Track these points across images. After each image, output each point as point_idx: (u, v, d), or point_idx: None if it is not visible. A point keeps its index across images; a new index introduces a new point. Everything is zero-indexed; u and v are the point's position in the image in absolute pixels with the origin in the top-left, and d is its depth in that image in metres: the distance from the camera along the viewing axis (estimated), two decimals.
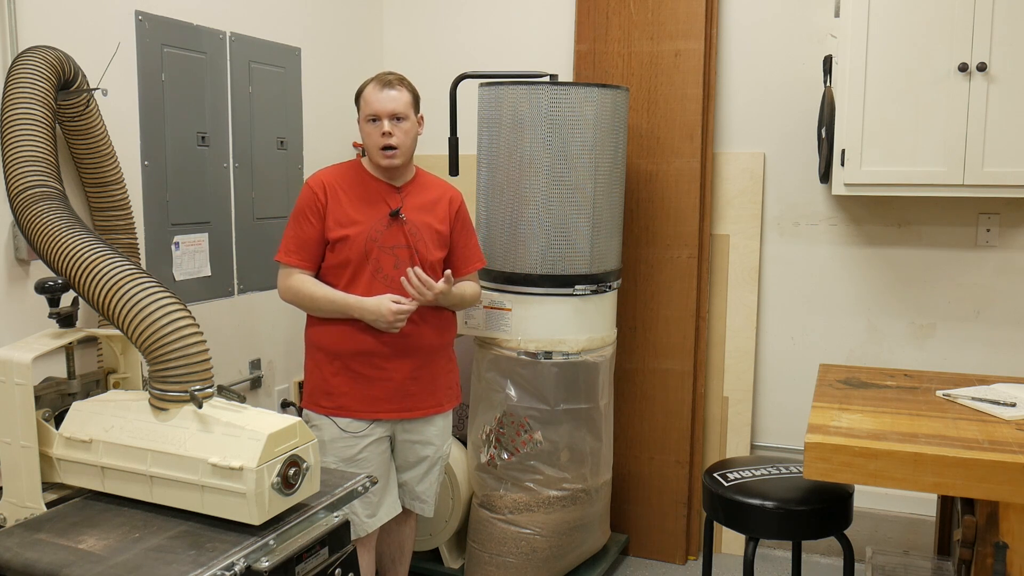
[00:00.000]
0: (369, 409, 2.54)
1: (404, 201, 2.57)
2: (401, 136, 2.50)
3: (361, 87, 2.55)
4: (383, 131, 2.48)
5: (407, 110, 2.51)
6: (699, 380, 3.43)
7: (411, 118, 2.53)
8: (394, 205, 2.55)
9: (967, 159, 2.81)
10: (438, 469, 2.74)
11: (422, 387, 2.59)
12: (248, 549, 1.69)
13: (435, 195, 2.65)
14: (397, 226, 2.54)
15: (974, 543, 2.14)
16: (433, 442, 2.68)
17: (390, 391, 2.54)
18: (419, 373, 2.57)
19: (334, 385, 2.53)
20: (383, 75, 2.53)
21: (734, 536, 3.46)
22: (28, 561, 1.65)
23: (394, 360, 2.53)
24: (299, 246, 2.52)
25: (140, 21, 2.57)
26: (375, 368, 2.52)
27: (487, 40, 3.70)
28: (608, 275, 2.98)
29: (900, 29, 2.83)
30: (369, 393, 2.53)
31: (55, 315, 2.06)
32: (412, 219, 2.56)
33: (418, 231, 2.57)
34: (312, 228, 2.51)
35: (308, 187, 2.55)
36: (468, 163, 3.20)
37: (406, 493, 2.71)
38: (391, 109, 2.48)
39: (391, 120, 2.48)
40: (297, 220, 2.54)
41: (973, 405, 2.34)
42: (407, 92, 2.53)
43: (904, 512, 3.35)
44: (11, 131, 2.08)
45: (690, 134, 3.33)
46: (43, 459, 1.94)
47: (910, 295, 3.28)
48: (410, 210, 2.57)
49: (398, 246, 2.53)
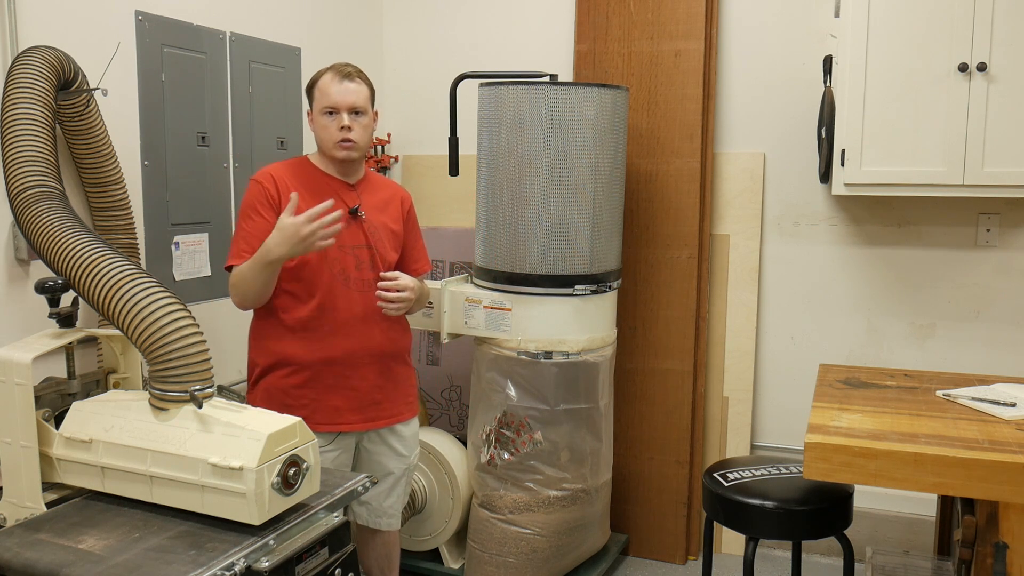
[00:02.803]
0: (330, 421, 2.38)
1: (361, 199, 2.45)
2: (360, 131, 2.38)
3: (315, 77, 2.41)
4: (342, 124, 2.34)
5: (366, 104, 2.40)
6: (699, 380, 3.43)
7: (369, 113, 2.42)
8: (351, 203, 2.41)
9: (967, 159, 2.81)
10: (405, 481, 2.62)
11: (386, 395, 2.48)
12: (248, 549, 1.69)
13: (387, 194, 2.55)
14: (357, 225, 2.42)
15: (974, 543, 2.14)
16: (402, 453, 2.56)
17: (354, 400, 2.41)
18: (383, 381, 2.46)
19: (295, 396, 2.35)
20: (341, 66, 2.40)
21: (734, 536, 3.46)
22: (28, 561, 1.65)
23: (360, 368, 2.41)
24: (251, 244, 2.29)
25: (140, 21, 2.57)
26: (339, 377, 2.38)
27: (487, 40, 3.70)
28: (608, 275, 2.98)
29: (900, 29, 2.83)
30: (332, 403, 2.38)
31: (55, 315, 2.06)
32: (370, 218, 2.45)
33: (376, 230, 2.46)
34: (265, 223, 2.30)
35: (256, 182, 2.36)
36: (468, 163, 3.20)
37: (371, 511, 2.58)
38: (351, 102, 2.35)
39: (350, 114, 2.36)
40: (249, 217, 2.34)
41: (973, 405, 2.34)
42: (365, 86, 2.41)
43: (904, 512, 3.35)
44: (11, 131, 2.08)
45: (690, 134, 3.33)
46: (43, 459, 1.94)
47: (910, 295, 3.28)
48: (367, 209, 2.45)
49: (358, 246, 2.41)
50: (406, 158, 3.85)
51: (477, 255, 3.05)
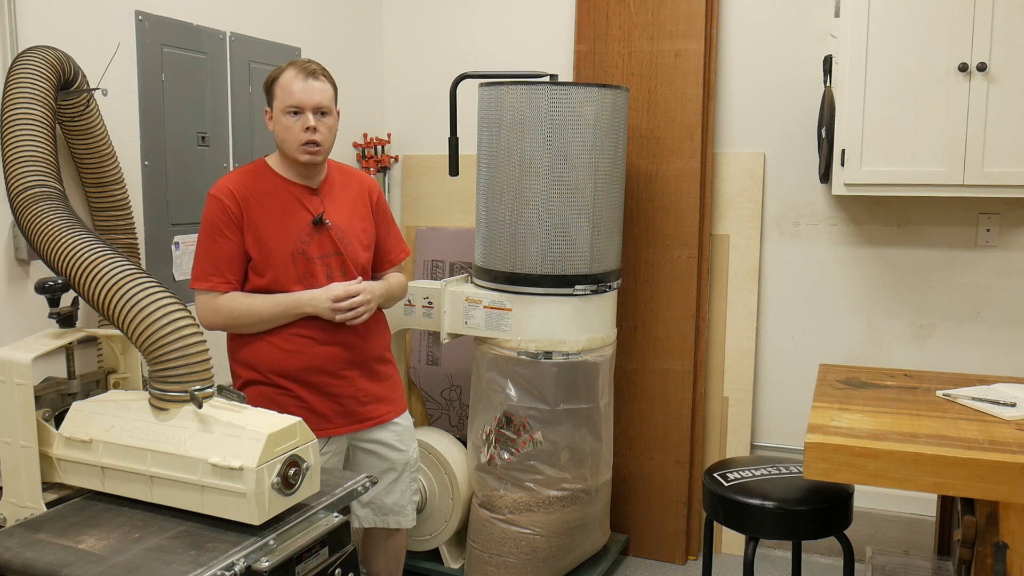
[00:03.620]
0: (320, 428, 2.34)
1: (324, 205, 2.36)
2: (325, 132, 2.29)
3: (275, 74, 2.29)
4: (307, 125, 2.24)
5: (331, 104, 2.31)
6: (699, 380, 3.43)
7: (333, 113, 2.33)
8: (315, 210, 2.33)
9: (967, 159, 2.81)
10: (407, 476, 2.59)
11: (371, 396, 2.46)
12: (248, 549, 1.69)
13: (353, 191, 2.46)
14: (323, 233, 2.34)
15: (974, 543, 2.14)
16: (398, 447, 2.54)
17: (340, 406, 2.40)
18: (366, 383, 2.44)
19: (281, 404, 2.30)
20: (304, 63, 2.28)
21: (734, 536, 3.46)
22: (28, 561, 1.65)
23: (342, 376, 2.39)
24: (218, 267, 2.26)
25: (140, 21, 2.57)
26: (323, 386, 2.36)
27: (487, 40, 3.70)
28: (608, 275, 2.98)
29: (900, 29, 2.83)
30: (318, 411, 2.36)
31: (55, 315, 2.06)
32: (337, 223, 2.36)
33: (345, 235, 2.38)
34: (230, 244, 2.26)
35: (214, 199, 2.27)
36: (468, 163, 3.20)
37: (376, 511, 2.57)
38: (316, 102, 2.26)
39: (315, 114, 2.27)
40: (211, 237, 2.27)
41: (973, 405, 2.34)
42: (330, 84, 2.32)
43: (904, 512, 3.35)
44: (11, 131, 2.08)
45: (690, 134, 3.33)
46: (43, 459, 1.94)
47: (910, 295, 3.28)
48: (333, 213, 2.36)
49: (327, 254, 2.35)
50: (406, 158, 3.85)
51: (477, 255, 3.05)
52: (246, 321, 2.30)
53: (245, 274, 2.34)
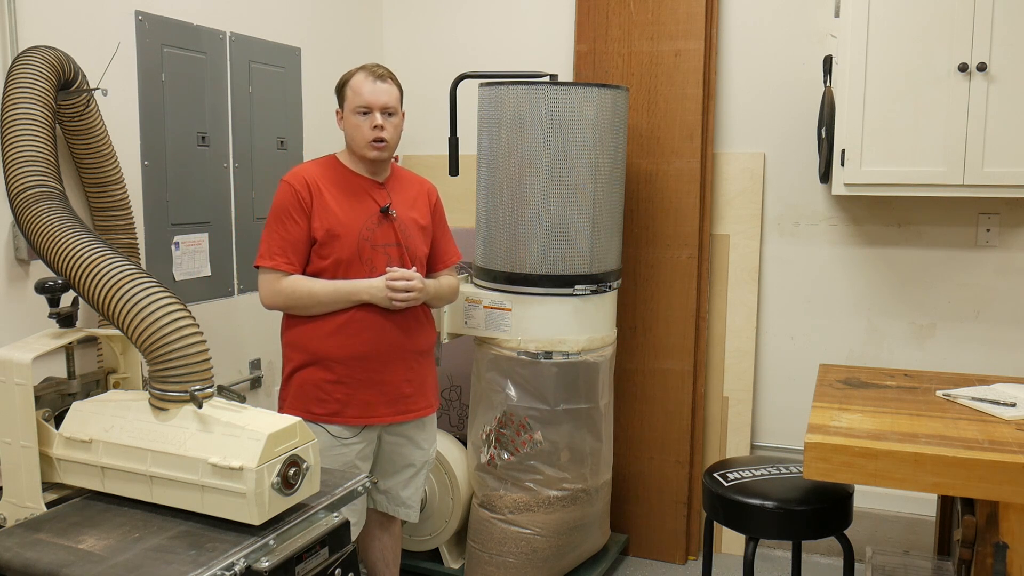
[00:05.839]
0: (363, 415, 2.46)
1: (391, 197, 2.50)
2: (391, 130, 2.45)
3: (347, 77, 2.47)
4: (375, 124, 2.41)
5: (397, 104, 2.47)
6: (699, 380, 3.43)
7: (399, 113, 2.49)
8: (381, 201, 2.48)
9: (967, 159, 2.81)
10: (424, 474, 2.69)
11: (415, 388, 2.55)
12: (248, 549, 1.69)
13: (415, 190, 2.60)
14: (388, 223, 2.48)
15: (974, 543, 2.14)
16: (422, 446, 2.63)
17: (385, 395, 2.48)
18: (412, 375, 2.53)
19: (328, 391, 2.43)
20: (372, 67, 2.46)
21: (734, 536, 3.46)
22: (28, 561, 1.65)
23: (391, 363, 2.47)
24: (284, 248, 2.39)
25: (140, 21, 2.57)
26: (371, 372, 2.45)
27: (487, 40, 3.70)
28: (608, 275, 2.98)
29: (900, 29, 2.83)
30: (364, 398, 2.46)
31: (55, 315, 2.06)
32: (400, 215, 2.50)
33: (407, 228, 2.51)
34: (298, 228, 2.39)
35: (288, 184, 2.42)
36: (468, 163, 3.20)
37: (390, 500, 2.65)
38: (384, 102, 2.42)
39: (383, 114, 2.43)
40: (280, 220, 2.40)
41: (973, 405, 2.34)
42: (396, 87, 2.48)
43: (904, 512, 3.35)
44: (11, 131, 2.08)
45: (690, 134, 3.33)
46: (43, 459, 1.94)
47: (910, 295, 3.28)
48: (397, 207, 2.50)
49: (389, 244, 2.48)
50: (406, 158, 3.85)
51: (477, 255, 3.05)
52: (305, 303, 2.40)
53: (307, 259, 2.44)
